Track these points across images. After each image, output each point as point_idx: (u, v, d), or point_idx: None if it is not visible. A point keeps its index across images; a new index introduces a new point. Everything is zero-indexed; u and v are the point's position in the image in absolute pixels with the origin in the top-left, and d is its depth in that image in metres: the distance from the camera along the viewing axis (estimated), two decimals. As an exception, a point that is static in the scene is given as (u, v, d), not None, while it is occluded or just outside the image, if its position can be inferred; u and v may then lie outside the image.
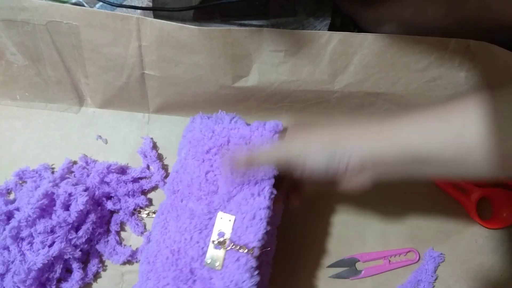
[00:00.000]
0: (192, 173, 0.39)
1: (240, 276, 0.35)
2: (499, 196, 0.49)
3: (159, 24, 0.43)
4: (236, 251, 0.35)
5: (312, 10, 0.48)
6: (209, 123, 0.41)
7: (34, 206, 0.40)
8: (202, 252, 0.36)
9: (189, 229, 0.37)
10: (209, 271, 0.36)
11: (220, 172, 0.38)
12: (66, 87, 0.50)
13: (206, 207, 0.37)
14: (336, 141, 0.35)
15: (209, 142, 0.39)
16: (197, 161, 0.39)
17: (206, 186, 0.38)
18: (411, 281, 0.47)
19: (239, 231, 0.36)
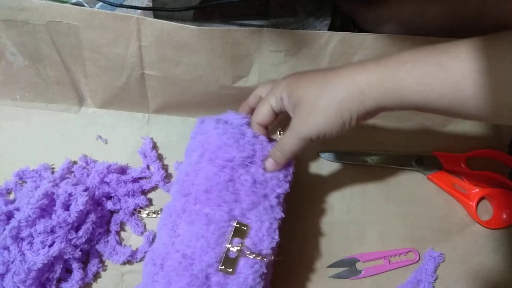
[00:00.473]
0: (210, 179, 0.38)
1: (253, 281, 0.36)
2: (499, 196, 0.49)
3: (159, 24, 0.43)
4: (252, 258, 0.37)
5: (312, 10, 0.48)
6: (233, 132, 0.39)
7: (34, 206, 0.40)
8: (219, 258, 0.36)
9: (206, 235, 0.37)
10: (224, 277, 0.36)
11: (243, 183, 0.38)
12: (66, 87, 0.50)
13: (226, 215, 0.37)
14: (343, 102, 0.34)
15: (233, 151, 0.38)
16: (216, 167, 0.38)
17: (227, 194, 0.38)
18: (411, 281, 0.47)
19: (256, 239, 0.37)
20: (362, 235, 0.49)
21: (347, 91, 0.34)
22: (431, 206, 0.50)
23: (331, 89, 0.34)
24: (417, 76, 0.31)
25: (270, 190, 0.39)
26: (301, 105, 0.36)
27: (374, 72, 0.33)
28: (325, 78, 0.35)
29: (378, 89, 0.32)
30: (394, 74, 0.32)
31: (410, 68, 0.31)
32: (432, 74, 0.31)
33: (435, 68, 0.31)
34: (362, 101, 0.33)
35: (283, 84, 0.38)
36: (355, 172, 0.51)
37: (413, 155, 0.51)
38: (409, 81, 0.31)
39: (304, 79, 0.37)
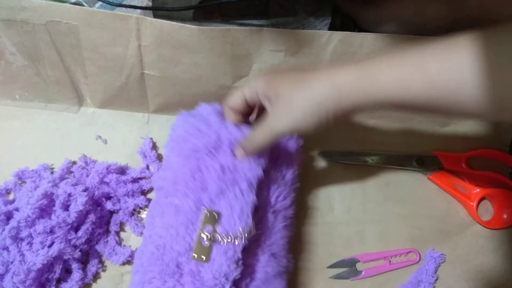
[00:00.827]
0: (177, 170, 0.39)
1: (227, 267, 0.36)
2: (499, 197, 0.49)
3: (158, 23, 0.43)
4: (224, 245, 0.36)
5: (312, 9, 0.48)
6: (194, 121, 0.41)
7: (33, 207, 0.40)
8: (189, 247, 0.37)
9: (175, 225, 0.37)
10: (197, 265, 0.36)
11: (210, 171, 0.38)
12: (66, 87, 0.50)
13: (193, 204, 0.37)
14: (320, 102, 0.34)
15: (196, 140, 0.39)
16: (182, 158, 0.39)
17: (193, 183, 0.38)
18: (411, 281, 0.47)
19: (227, 225, 0.37)
20: (363, 236, 0.48)
21: (324, 91, 0.33)
22: (431, 206, 0.50)
23: (308, 88, 0.34)
24: (394, 76, 0.31)
25: (241, 175, 0.38)
26: (278, 101, 0.36)
27: (351, 73, 0.33)
28: (304, 77, 0.35)
29: (355, 90, 0.32)
30: (371, 74, 0.32)
31: (386, 68, 0.31)
32: (408, 75, 0.30)
33: (411, 68, 0.30)
34: (339, 101, 0.33)
35: (261, 78, 0.38)
36: (355, 172, 0.51)
37: (414, 155, 0.51)
38: (384, 80, 0.31)
39: (282, 76, 0.37)
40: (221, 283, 0.36)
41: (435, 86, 0.29)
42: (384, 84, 0.31)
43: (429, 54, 0.30)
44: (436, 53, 0.30)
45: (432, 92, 0.30)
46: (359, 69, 0.33)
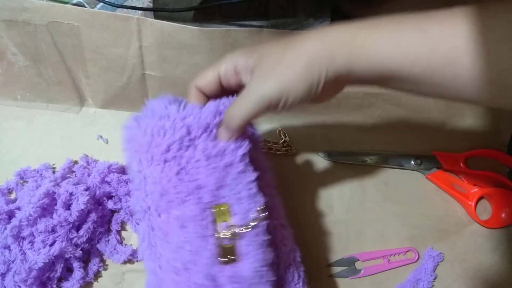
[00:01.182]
0: (159, 181, 0.33)
1: (262, 254, 0.33)
2: (498, 196, 0.49)
3: (159, 24, 0.43)
4: (246, 233, 0.32)
5: (311, 11, 0.48)
6: (149, 121, 0.34)
7: (35, 206, 0.40)
8: (212, 254, 0.32)
9: (186, 239, 0.32)
10: (232, 268, 0.32)
11: (197, 165, 0.33)
12: (67, 87, 0.50)
13: (196, 207, 0.32)
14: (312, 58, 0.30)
15: (164, 140, 0.33)
16: (157, 166, 0.33)
17: (183, 185, 0.33)
18: (410, 280, 0.47)
19: (241, 214, 0.33)
20: (362, 235, 0.49)
21: (317, 47, 0.30)
22: (430, 205, 0.50)
23: (299, 44, 0.30)
24: (391, 36, 0.28)
25: (231, 156, 0.33)
26: (263, 63, 0.31)
27: (346, 30, 0.30)
28: (292, 39, 0.31)
29: (349, 49, 0.29)
30: (367, 34, 0.29)
31: (385, 28, 0.29)
32: (408, 37, 0.28)
33: (411, 31, 0.28)
34: (332, 58, 0.29)
35: (240, 50, 0.33)
36: (354, 172, 0.51)
37: (412, 155, 0.52)
38: (382, 41, 0.28)
39: (266, 44, 0.32)
40: (262, 272, 0.33)
41: (434, 53, 0.27)
42: (381, 45, 0.29)
43: (429, 20, 0.28)
44: (436, 19, 0.28)
45: (430, 59, 0.27)
46: (355, 27, 0.30)
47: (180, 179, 0.33)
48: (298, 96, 0.30)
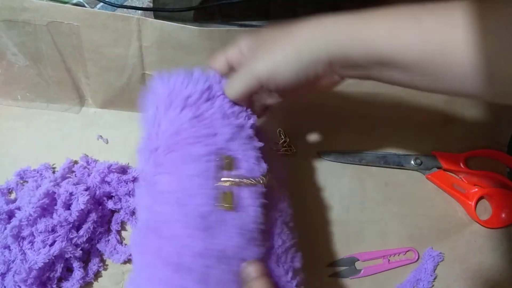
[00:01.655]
0: (175, 122, 0.34)
1: (254, 212, 0.33)
2: (498, 196, 0.49)
3: (159, 24, 0.43)
4: (248, 187, 0.34)
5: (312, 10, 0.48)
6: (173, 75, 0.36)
7: (35, 205, 0.40)
8: (211, 196, 0.33)
9: (191, 173, 0.33)
10: (223, 214, 0.33)
11: (213, 117, 0.35)
12: (67, 87, 0.50)
13: (205, 149, 0.33)
14: (304, 41, 0.31)
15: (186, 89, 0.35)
16: (176, 109, 0.35)
17: (200, 128, 0.34)
18: (410, 280, 0.47)
19: (246, 169, 0.34)
20: (362, 235, 0.49)
21: (312, 32, 0.31)
22: (430, 205, 0.50)
23: (295, 29, 0.32)
24: (386, 24, 0.29)
25: (243, 120, 0.36)
26: (261, 45, 0.34)
27: (343, 18, 0.31)
28: (294, 24, 0.33)
29: (345, 33, 0.30)
30: (363, 21, 0.30)
31: (381, 17, 0.29)
32: (402, 25, 0.29)
33: (406, 20, 0.29)
34: (326, 43, 0.30)
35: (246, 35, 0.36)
36: (354, 172, 0.51)
37: (412, 155, 0.52)
38: (377, 28, 0.29)
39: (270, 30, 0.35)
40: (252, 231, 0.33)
41: (429, 41, 0.28)
42: (376, 31, 0.29)
43: (425, 11, 0.28)
44: (433, 10, 0.28)
45: (425, 48, 0.28)
46: (352, 16, 0.31)
47: (196, 122, 0.34)
48: (286, 77, 0.32)
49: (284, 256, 0.37)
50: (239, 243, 0.32)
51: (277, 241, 0.37)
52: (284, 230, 0.38)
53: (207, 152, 0.33)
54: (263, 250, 0.34)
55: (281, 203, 0.39)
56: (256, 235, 0.33)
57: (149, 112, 0.36)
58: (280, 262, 0.37)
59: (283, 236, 0.37)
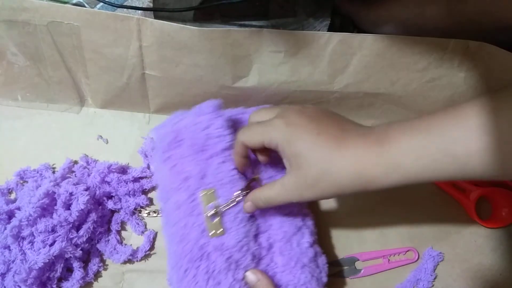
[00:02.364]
0: (161, 176, 0.42)
1: (243, 227, 0.39)
2: (498, 196, 0.49)
3: (159, 24, 0.43)
4: (232, 211, 0.39)
5: (311, 10, 0.48)
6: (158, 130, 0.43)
7: (35, 206, 0.40)
8: (202, 229, 0.38)
9: (180, 218, 0.39)
10: (218, 239, 0.38)
11: (183, 161, 0.40)
12: (67, 87, 0.50)
13: (185, 193, 0.39)
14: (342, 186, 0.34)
15: (161, 144, 0.41)
16: (160, 164, 0.42)
17: (176, 177, 0.40)
18: (410, 280, 0.47)
19: (225, 195, 0.39)
20: (362, 234, 0.49)
21: (349, 179, 0.33)
22: (430, 205, 0.50)
23: (332, 170, 0.33)
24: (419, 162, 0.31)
25: (212, 149, 0.40)
26: (301, 167, 0.34)
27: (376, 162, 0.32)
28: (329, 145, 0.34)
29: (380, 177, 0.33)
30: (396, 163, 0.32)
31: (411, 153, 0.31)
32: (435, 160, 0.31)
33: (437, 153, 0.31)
34: (363, 187, 0.33)
35: (281, 124, 0.35)
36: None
37: (412, 155, 0.51)
38: (411, 168, 0.32)
39: (304, 130, 0.34)
40: (246, 243, 0.38)
41: (463, 169, 0.30)
42: (410, 171, 0.32)
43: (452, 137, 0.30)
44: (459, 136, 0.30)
45: (447, 168, 0.31)
46: (383, 155, 0.32)
47: (173, 172, 0.40)
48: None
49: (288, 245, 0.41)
50: (236, 259, 0.38)
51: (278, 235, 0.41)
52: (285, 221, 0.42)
53: (188, 195, 0.39)
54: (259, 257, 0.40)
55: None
56: (247, 244, 0.39)
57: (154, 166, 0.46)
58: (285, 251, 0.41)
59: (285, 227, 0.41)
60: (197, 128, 0.41)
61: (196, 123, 0.41)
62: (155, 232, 0.47)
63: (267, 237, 0.41)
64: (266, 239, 0.41)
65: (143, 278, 0.45)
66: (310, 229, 0.42)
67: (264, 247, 0.40)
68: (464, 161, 0.30)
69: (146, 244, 0.46)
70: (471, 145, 0.29)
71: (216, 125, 0.41)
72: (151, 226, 0.47)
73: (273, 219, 0.41)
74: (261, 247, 0.40)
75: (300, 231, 0.41)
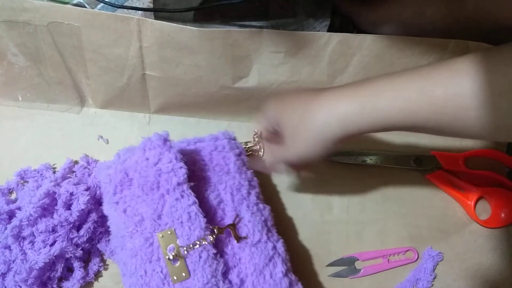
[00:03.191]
0: (114, 220, 0.39)
1: (209, 267, 0.36)
2: (497, 196, 0.49)
3: (159, 25, 0.43)
4: (194, 251, 0.36)
5: (311, 11, 0.48)
6: (104, 171, 0.40)
7: (35, 206, 0.40)
8: (164, 275, 0.35)
9: (138, 266, 0.36)
10: (183, 284, 0.35)
11: (136, 202, 0.37)
12: (68, 87, 0.50)
13: (141, 237, 0.36)
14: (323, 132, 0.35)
15: (111, 185, 0.38)
16: (111, 207, 0.39)
17: (130, 220, 0.37)
18: (410, 279, 0.47)
19: (185, 235, 0.36)
20: (361, 234, 0.49)
21: (327, 121, 0.34)
22: (429, 205, 0.51)
23: (311, 119, 0.35)
24: (399, 104, 0.31)
25: (165, 185, 0.37)
26: (285, 133, 0.38)
27: (353, 101, 0.33)
28: (306, 105, 0.36)
29: (359, 118, 0.33)
30: (374, 104, 0.32)
31: (390, 94, 0.31)
32: (415, 101, 0.30)
33: (416, 93, 0.30)
34: (343, 128, 0.34)
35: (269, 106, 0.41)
36: (354, 171, 0.51)
37: (412, 155, 0.52)
38: (391, 110, 0.31)
39: (286, 104, 0.39)
40: (214, 284, 0.35)
41: (443, 113, 0.29)
42: (388, 111, 0.31)
43: (433, 80, 0.30)
44: (441, 79, 0.30)
45: (439, 118, 0.30)
46: (360, 97, 0.33)
47: (127, 215, 0.37)
48: (316, 158, 0.37)
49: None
50: None
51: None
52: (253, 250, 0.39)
53: (144, 240, 0.36)
54: None
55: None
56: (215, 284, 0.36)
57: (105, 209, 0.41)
58: None
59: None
60: (147, 164, 0.38)
61: (145, 158, 0.38)
62: (155, 232, 0.47)
63: (237, 273, 0.38)
64: (236, 274, 0.38)
65: (144, 278, 0.45)
66: (282, 257, 0.40)
67: (235, 284, 0.37)
68: (442, 104, 0.29)
69: (146, 244, 0.46)
70: (451, 89, 0.29)
71: (167, 159, 0.38)
72: None
73: (242, 252, 0.38)
74: (232, 284, 0.37)
75: (271, 261, 0.39)
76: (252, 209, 0.40)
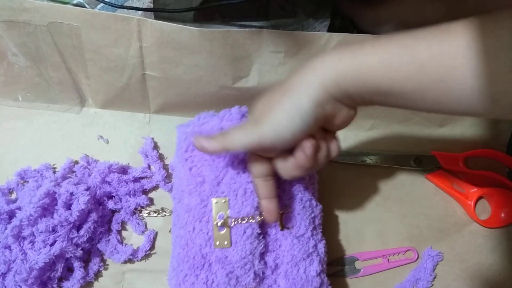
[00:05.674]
0: (179, 174, 0.42)
1: (250, 244, 0.38)
2: (497, 196, 0.49)
3: (159, 25, 0.43)
4: (240, 225, 0.38)
5: (311, 11, 0.48)
6: (183, 128, 0.43)
7: (35, 205, 0.40)
8: (208, 237, 0.38)
9: (189, 221, 0.39)
10: (222, 251, 0.38)
11: (202, 164, 0.40)
12: (68, 87, 0.50)
13: (198, 197, 0.39)
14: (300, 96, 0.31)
15: (185, 142, 0.41)
16: (180, 162, 0.42)
17: (192, 179, 0.40)
18: (409, 279, 0.47)
19: (237, 208, 0.38)
20: (361, 234, 0.49)
21: (302, 78, 0.31)
22: (429, 205, 0.51)
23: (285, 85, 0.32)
24: (378, 57, 0.29)
25: (230, 159, 0.39)
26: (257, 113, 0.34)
27: (332, 56, 0.30)
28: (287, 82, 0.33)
29: (335, 72, 0.30)
30: (353, 57, 0.30)
31: (370, 49, 0.29)
32: (395, 56, 0.28)
33: (398, 50, 0.28)
34: (320, 83, 0.30)
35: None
36: (354, 171, 0.51)
37: (412, 155, 0.52)
38: (369, 61, 0.29)
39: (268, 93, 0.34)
40: (250, 260, 0.37)
41: (425, 71, 0.27)
42: (367, 63, 0.29)
43: (419, 38, 0.28)
44: (427, 37, 0.28)
45: (422, 77, 0.28)
46: (341, 52, 0.30)
47: (192, 174, 0.40)
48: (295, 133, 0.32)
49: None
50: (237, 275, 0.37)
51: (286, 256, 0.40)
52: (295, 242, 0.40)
53: (200, 200, 0.39)
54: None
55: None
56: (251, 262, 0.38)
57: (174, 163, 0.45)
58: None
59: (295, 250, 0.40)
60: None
61: (220, 127, 0.40)
62: (156, 232, 0.47)
63: (274, 257, 0.39)
64: (273, 258, 0.39)
65: (144, 277, 0.45)
66: (321, 257, 0.41)
67: (270, 267, 0.39)
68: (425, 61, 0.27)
69: (146, 244, 0.46)
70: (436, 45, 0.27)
71: None
72: (152, 226, 0.47)
73: (284, 239, 0.40)
74: (267, 267, 0.39)
75: (309, 257, 0.40)
76: (305, 203, 0.41)
